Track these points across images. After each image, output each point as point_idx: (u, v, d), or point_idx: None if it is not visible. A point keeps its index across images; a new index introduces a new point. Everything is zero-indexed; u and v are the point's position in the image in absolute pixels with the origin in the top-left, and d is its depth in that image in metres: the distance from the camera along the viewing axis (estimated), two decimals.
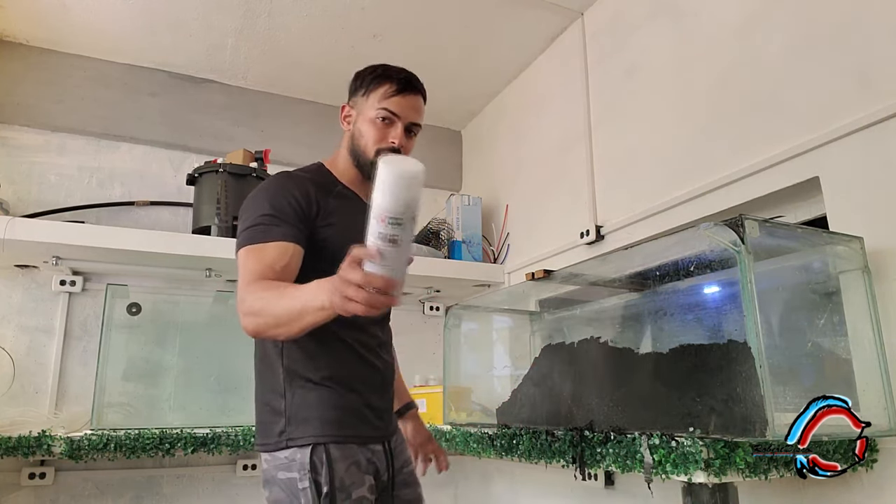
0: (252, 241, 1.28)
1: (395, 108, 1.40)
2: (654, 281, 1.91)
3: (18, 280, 2.68)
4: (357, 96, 1.46)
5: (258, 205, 1.31)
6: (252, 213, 1.31)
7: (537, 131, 2.98)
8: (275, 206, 1.28)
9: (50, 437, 2.17)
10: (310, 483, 1.20)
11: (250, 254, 1.27)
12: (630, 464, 1.37)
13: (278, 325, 1.16)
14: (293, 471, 1.23)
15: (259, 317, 1.18)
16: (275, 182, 1.35)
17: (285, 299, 1.13)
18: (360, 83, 1.47)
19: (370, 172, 1.23)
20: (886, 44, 1.51)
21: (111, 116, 2.94)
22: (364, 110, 1.42)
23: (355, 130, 1.43)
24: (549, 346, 2.14)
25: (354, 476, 1.25)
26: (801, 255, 1.56)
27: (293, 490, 1.22)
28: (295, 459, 1.23)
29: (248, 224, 1.30)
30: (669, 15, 2.22)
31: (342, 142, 1.47)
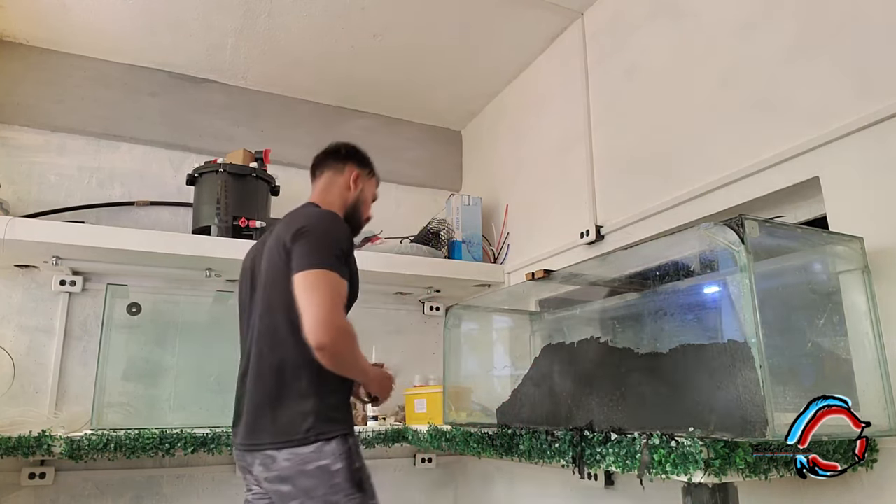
0: (335, 269, 1.51)
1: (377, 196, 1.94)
2: (654, 281, 1.91)
3: (18, 280, 2.68)
4: (364, 173, 1.85)
5: (332, 239, 1.56)
6: (329, 244, 1.54)
7: (537, 131, 2.98)
8: (342, 248, 1.56)
9: (50, 437, 2.17)
10: (344, 464, 1.46)
11: (333, 280, 1.49)
12: (630, 464, 1.37)
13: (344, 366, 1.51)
14: (324, 459, 1.46)
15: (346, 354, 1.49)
16: (337, 222, 1.64)
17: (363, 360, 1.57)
18: (368, 166, 1.88)
19: (356, 227, 1.84)
20: (886, 44, 1.51)
21: (111, 116, 2.94)
22: (369, 188, 1.87)
23: (362, 197, 1.84)
24: (549, 346, 2.14)
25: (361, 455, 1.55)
26: (801, 255, 1.56)
27: (327, 474, 1.45)
28: (323, 450, 1.46)
29: (328, 251, 1.52)
30: (669, 15, 2.22)
31: (338, 191, 1.81)
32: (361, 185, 1.82)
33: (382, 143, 3.51)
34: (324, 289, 1.46)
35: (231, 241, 2.61)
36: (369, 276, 2.21)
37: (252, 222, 2.66)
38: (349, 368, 1.52)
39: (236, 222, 2.65)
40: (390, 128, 3.56)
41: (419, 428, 2.52)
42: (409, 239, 3.11)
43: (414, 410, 2.74)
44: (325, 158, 1.85)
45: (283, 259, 1.55)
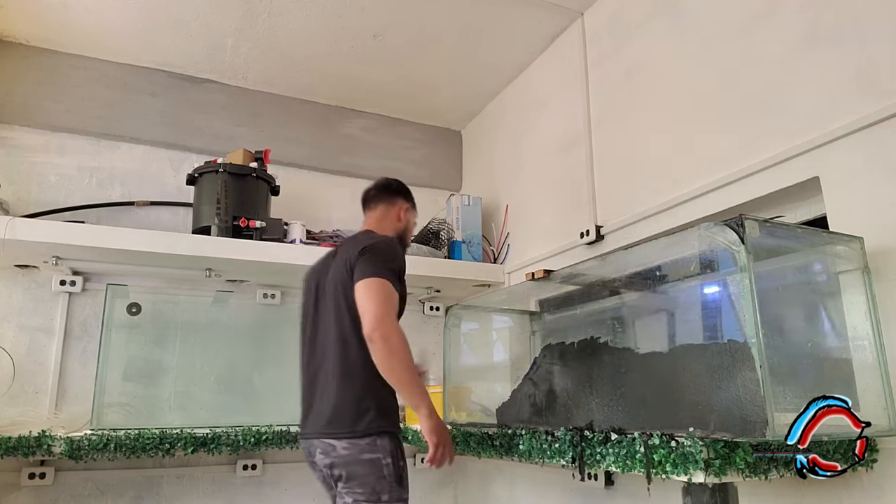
0: (391, 280, 1.75)
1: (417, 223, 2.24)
2: (654, 281, 1.91)
3: (18, 280, 2.68)
4: (409, 204, 2.13)
5: (392, 258, 1.82)
6: (391, 260, 1.81)
7: (537, 131, 2.98)
8: (397, 267, 1.81)
9: (50, 437, 2.17)
10: (391, 459, 1.69)
11: (388, 290, 1.74)
12: (630, 464, 1.37)
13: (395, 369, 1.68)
14: (377, 452, 1.68)
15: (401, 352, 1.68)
16: (395, 247, 1.91)
17: (415, 373, 1.72)
18: (411, 200, 2.15)
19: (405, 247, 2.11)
20: (886, 44, 1.51)
21: (111, 116, 2.94)
22: (412, 218, 2.16)
23: (408, 227, 2.13)
24: (549, 346, 2.14)
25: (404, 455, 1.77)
26: (801, 255, 1.56)
27: (377, 466, 1.68)
28: (376, 445, 1.69)
29: (389, 266, 1.78)
30: (669, 15, 2.22)
31: (391, 222, 2.08)
32: (408, 217, 2.11)
33: (382, 143, 3.51)
34: (380, 292, 1.71)
35: (231, 241, 2.61)
36: None
37: (252, 222, 2.66)
38: (398, 370, 1.67)
39: (236, 222, 2.65)
40: (390, 128, 3.56)
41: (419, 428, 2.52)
42: None
43: None
44: (379, 193, 2.10)
45: (349, 273, 1.80)
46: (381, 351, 1.66)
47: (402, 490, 1.71)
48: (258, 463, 2.78)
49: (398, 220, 2.09)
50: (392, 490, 1.68)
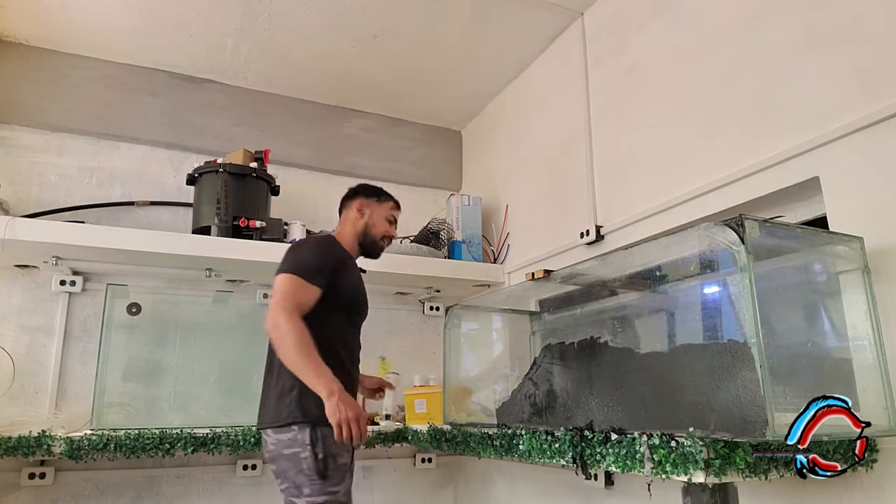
0: (301, 274, 1.83)
1: (397, 216, 2.23)
2: (654, 281, 1.91)
3: (18, 280, 2.68)
4: (371, 200, 2.17)
5: (310, 254, 1.93)
6: (305, 257, 1.90)
7: (537, 131, 2.98)
8: (320, 260, 1.90)
9: (50, 437, 2.17)
10: (309, 452, 1.73)
11: (296, 284, 1.82)
12: (630, 464, 1.37)
13: (287, 356, 1.74)
14: (296, 445, 1.74)
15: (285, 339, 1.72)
16: (322, 242, 2.06)
17: (310, 359, 1.72)
18: (374, 193, 2.19)
19: (372, 249, 2.17)
20: (886, 44, 1.51)
21: (111, 116, 2.94)
22: (378, 211, 2.16)
23: (369, 220, 2.14)
24: (549, 346, 2.14)
25: (338, 448, 1.77)
26: (801, 255, 1.56)
27: (296, 459, 1.74)
28: (298, 436, 1.74)
29: (301, 263, 1.86)
30: (669, 14, 2.22)
31: (347, 225, 2.15)
32: (368, 212, 2.13)
33: (382, 143, 3.51)
34: (280, 288, 1.80)
35: (231, 241, 2.61)
36: (369, 276, 2.22)
37: (252, 222, 2.66)
38: (289, 355, 1.72)
39: (236, 222, 2.65)
40: (390, 128, 3.56)
41: (419, 428, 2.52)
42: (409, 239, 3.11)
43: (414, 410, 2.74)
44: (342, 201, 2.21)
45: None
46: (273, 340, 1.76)
47: (325, 484, 1.72)
48: (258, 463, 2.78)
49: (357, 216, 2.13)
50: (313, 484, 1.71)
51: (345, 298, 1.94)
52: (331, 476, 1.72)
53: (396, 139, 3.56)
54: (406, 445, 2.69)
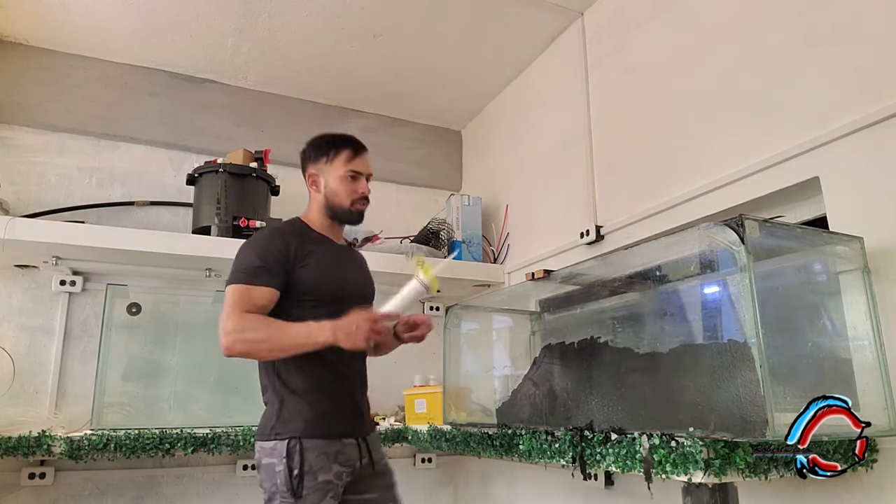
0: (242, 281, 1.60)
1: (358, 168, 1.78)
2: (654, 281, 1.91)
3: (18, 280, 2.68)
4: (320, 163, 1.78)
5: (250, 253, 1.66)
6: (244, 259, 1.65)
7: (537, 131, 2.98)
8: (263, 256, 1.63)
9: (50, 437, 2.17)
10: (284, 467, 1.56)
11: (239, 291, 1.59)
12: (630, 464, 1.37)
13: (274, 351, 1.57)
14: (274, 457, 1.57)
15: (258, 343, 1.55)
16: (262, 236, 1.74)
17: (290, 334, 1.54)
18: (320, 152, 1.78)
19: (348, 218, 1.79)
20: (886, 44, 1.51)
21: (111, 116, 2.94)
22: (332, 173, 1.76)
23: (328, 191, 1.76)
24: (549, 346, 2.14)
25: (322, 463, 1.58)
26: (801, 255, 1.56)
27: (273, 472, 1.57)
28: (277, 448, 1.58)
29: (240, 267, 1.63)
30: (669, 15, 2.22)
31: (312, 201, 1.80)
32: (322, 178, 1.77)
33: (382, 143, 3.51)
34: (228, 304, 1.58)
35: (231, 241, 2.60)
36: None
37: (252, 222, 2.66)
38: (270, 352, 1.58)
39: (236, 222, 2.65)
40: (390, 128, 3.56)
41: (419, 428, 2.52)
42: (409, 239, 3.11)
43: (414, 410, 2.74)
44: None
45: None
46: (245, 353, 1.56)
47: (297, 502, 1.53)
48: None
49: (314, 190, 1.78)
50: (284, 500, 1.54)
51: (312, 289, 1.66)
52: (305, 495, 1.54)
53: (396, 139, 3.56)
54: (406, 445, 2.68)
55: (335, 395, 1.67)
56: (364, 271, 1.87)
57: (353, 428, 1.69)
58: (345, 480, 1.63)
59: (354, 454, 1.66)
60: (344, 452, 1.63)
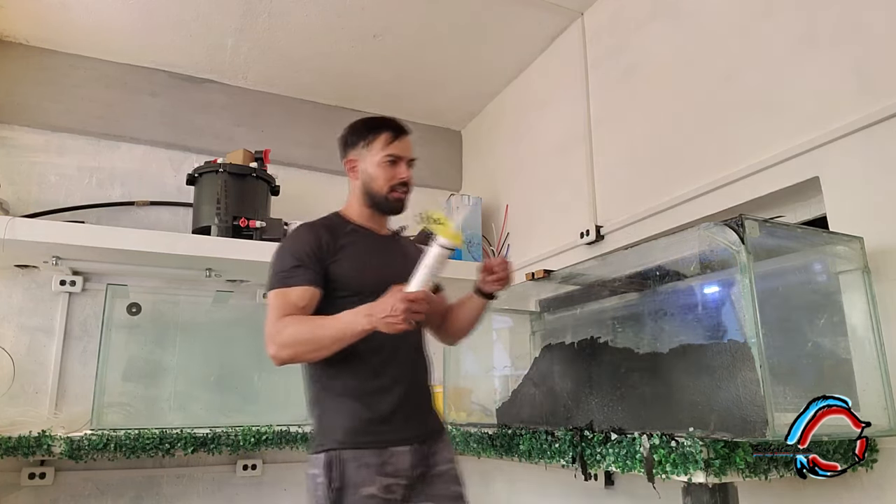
0: (278, 285, 1.52)
1: (397, 151, 1.65)
2: (654, 281, 1.91)
3: (18, 280, 2.68)
4: (358, 148, 1.67)
5: (283, 254, 1.57)
6: (278, 261, 1.56)
7: (537, 131, 2.98)
8: (295, 255, 1.54)
9: (50, 437, 2.17)
10: (324, 479, 1.45)
11: (277, 296, 1.52)
12: (630, 464, 1.37)
13: (318, 350, 1.46)
14: (316, 468, 1.47)
15: (298, 346, 1.46)
16: (296, 234, 1.63)
17: (327, 327, 1.44)
18: (359, 137, 1.68)
19: (386, 206, 1.66)
20: (886, 44, 1.51)
21: (111, 116, 2.94)
22: (370, 158, 1.65)
23: (365, 177, 1.65)
24: (549, 346, 2.14)
25: (363, 476, 1.45)
26: (801, 255, 1.56)
27: (315, 484, 1.47)
28: (319, 460, 1.48)
29: (275, 270, 1.55)
30: (669, 15, 2.22)
31: (351, 191, 1.70)
32: (360, 164, 1.66)
33: None
34: (269, 312, 1.50)
35: (231, 241, 2.61)
36: None
37: (252, 222, 2.66)
38: (327, 353, 1.46)
39: (236, 222, 2.65)
40: None
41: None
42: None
43: None
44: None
45: None
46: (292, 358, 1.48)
47: None
48: (258, 463, 2.78)
49: (353, 178, 1.68)
50: None
51: (347, 284, 1.56)
52: None
53: None
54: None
55: (378, 398, 1.52)
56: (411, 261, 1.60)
57: (404, 434, 1.53)
58: (396, 494, 1.48)
59: (406, 463, 1.51)
60: (392, 463, 1.49)
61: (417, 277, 1.42)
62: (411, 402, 1.57)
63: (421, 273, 1.44)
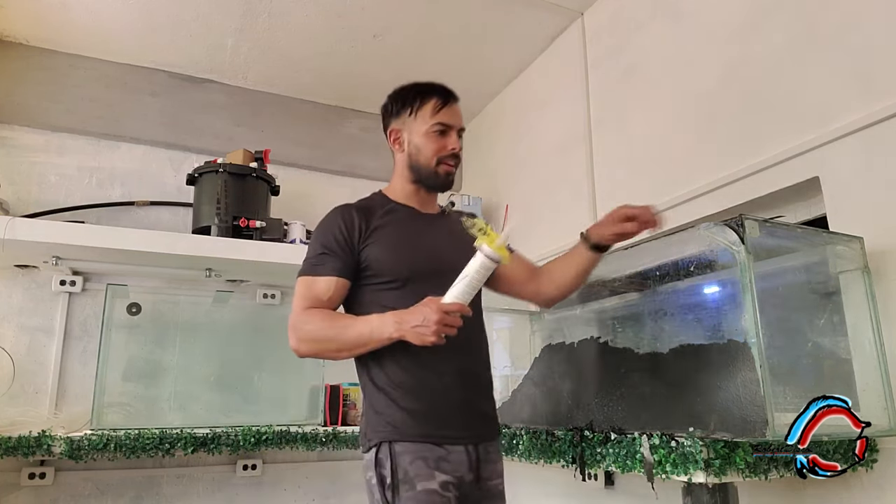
0: (306, 272, 1.44)
1: (447, 120, 1.51)
2: (654, 281, 1.91)
3: (18, 280, 2.68)
4: (403, 117, 1.53)
5: (315, 238, 1.49)
6: (311, 246, 1.48)
7: (537, 131, 2.98)
8: (325, 243, 1.44)
9: (50, 437, 2.17)
10: (377, 478, 1.34)
11: (303, 284, 1.43)
12: (630, 464, 1.37)
13: (340, 350, 1.37)
14: (370, 470, 1.37)
15: (319, 343, 1.38)
16: (328, 218, 1.50)
17: (352, 330, 1.35)
18: (403, 104, 1.54)
19: (434, 181, 1.52)
20: (886, 44, 1.51)
21: (111, 116, 2.94)
22: (416, 128, 1.51)
23: (411, 149, 1.52)
24: (549, 346, 2.14)
25: (420, 469, 1.32)
26: (801, 255, 1.56)
27: (371, 487, 1.37)
28: (370, 458, 1.37)
29: (307, 255, 1.47)
30: (669, 15, 2.22)
31: (395, 166, 1.57)
32: (405, 135, 1.53)
33: (382, 143, 3.49)
34: (295, 300, 1.42)
35: (231, 241, 2.61)
36: None
37: (252, 222, 2.66)
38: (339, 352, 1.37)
39: (236, 222, 2.65)
40: None
41: None
42: None
43: None
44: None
45: None
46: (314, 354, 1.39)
47: None
48: (258, 463, 2.78)
49: (398, 149, 1.55)
50: None
51: (383, 269, 1.42)
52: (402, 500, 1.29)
53: None
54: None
55: (429, 390, 1.39)
56: (459, 241, 1.43)
57: (460, 431, 1.39)
58: (454, 494, 1.33)
59: (463, 464, 1.37)
60: (449, 460, 1.35)
61: (456, 288, 1.30)
62: (467, 396, 1.44)
63: (460, 284, 1.30)
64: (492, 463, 1.45)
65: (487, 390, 1.53)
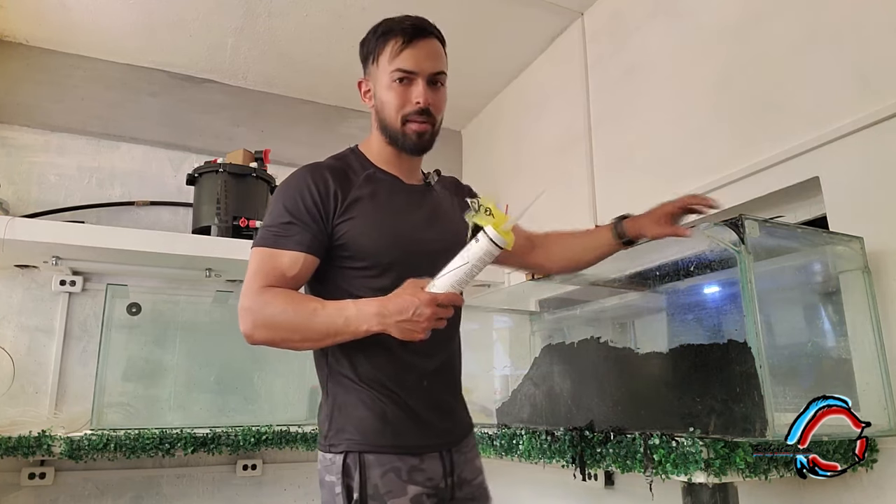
0: (265, 243, 1.20)
1: (408, 65, 1.27)
2: (654, 281, 1.91)
3: (18, 280, 2.68)
4: (368, 65, 1.32)
5: (278, 203, 1.23)
6: (272, 212, 1.23)
7: (537, 131, 2.98)
8: (291, 210, 1.20)
9: (50, 437, 2.17)
10: (342, 488, 1.16)
11: (263, 257, 1.19)
12: (630, 464, 1.37)
13: (304, 341, 1.17)
14: (333, 474, 1.19)
15: (280, 331, 1.16)
16: (295, 178, 1.25)
17: (322, 318, 1.13)
18: (367, 50, 1.33)
19: (403, 144, 1.27)
20: (886, 44, 1.51)
21: (111, 116, 2.94)
22: (381, 75, 1.28)
23: (377, 104, 1.30)
24: (549, 346, 2.14)
25: (391, 484, 1.17)
26: (801, 255, 1.56)
27: (332, 494, 1.18)
28: (335, 463, 1.19)
29: (266, 222, 1.23)
30: (669, 15, 2.22)
31: (372, 122, 1.35)
32: (371, 85, 1.33)
33: None
34: (249, 274, 1.19)
35: (231, 241, 2.60)
36: None
37: (252, 222, 2.66)
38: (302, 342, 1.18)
39: (236, 222, 2.65)
40: None
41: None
42: None
43: None
44: None
45: None
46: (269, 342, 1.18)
47: None
48: (258, 463, 2.78)
49: (370, 104, 1.35)
50: None
51: (361, 252, 1.20)
52: None
53: None
54: None
55: (404, 393, 1.22)
56: (451, 220, 1.28)
57: (436, 437, 1.26)
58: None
59: (438, 472, 1.24)
60: (423, 469, 1.21)
61: (451, 274, 1.09)
62: (442, 399, 1.29)
63: (459, 271, 1.10)
64: (469, 462, 1.36)
65: (459, 385, 1.37)
